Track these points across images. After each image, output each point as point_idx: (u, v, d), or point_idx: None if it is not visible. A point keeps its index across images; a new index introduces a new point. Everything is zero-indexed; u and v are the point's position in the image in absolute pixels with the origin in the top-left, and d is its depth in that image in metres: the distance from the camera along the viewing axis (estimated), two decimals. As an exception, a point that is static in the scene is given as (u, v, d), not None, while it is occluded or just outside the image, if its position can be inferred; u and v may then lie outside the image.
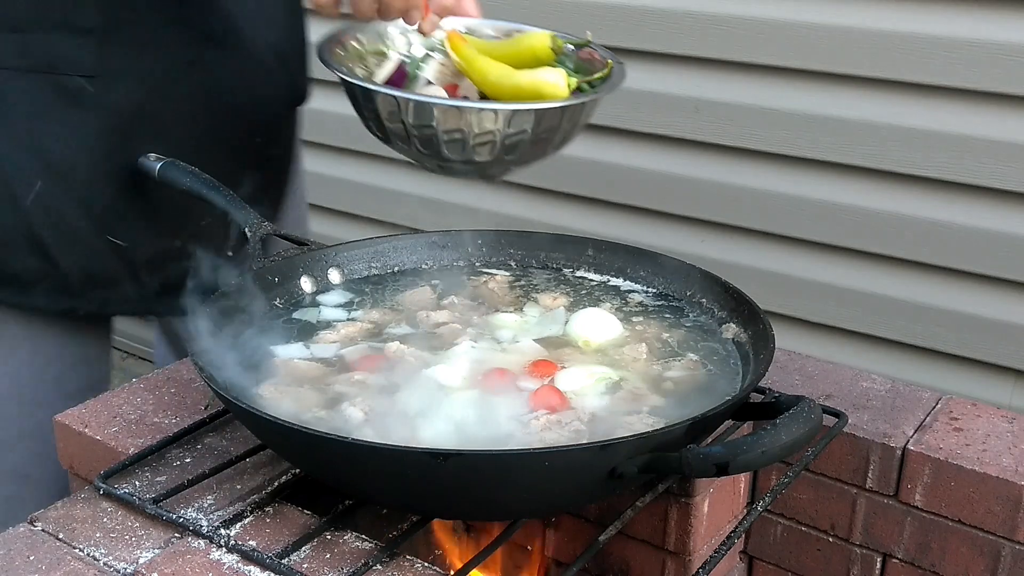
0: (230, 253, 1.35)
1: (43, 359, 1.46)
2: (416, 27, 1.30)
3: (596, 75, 1.28)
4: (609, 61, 1.30)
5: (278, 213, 1.69)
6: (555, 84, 1.23)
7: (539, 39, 1.28)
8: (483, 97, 1.29)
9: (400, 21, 1.30)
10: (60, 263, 1.40)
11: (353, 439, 1.04)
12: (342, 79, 1.24)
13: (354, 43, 1.35)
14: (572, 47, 1.34)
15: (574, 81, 1.24)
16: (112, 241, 1.40)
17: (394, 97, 1.20)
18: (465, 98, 1.29)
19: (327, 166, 2.90)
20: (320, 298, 1.38)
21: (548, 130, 1.21)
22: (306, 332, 1.30)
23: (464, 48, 1.29)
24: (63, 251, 1.40)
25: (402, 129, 1.21)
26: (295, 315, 1.34)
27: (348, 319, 1.34)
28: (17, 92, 1.35)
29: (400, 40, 1.38)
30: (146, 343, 3.55)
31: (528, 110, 1.19)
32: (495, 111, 1.18)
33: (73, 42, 1.33)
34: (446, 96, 1.29)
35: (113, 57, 1.36)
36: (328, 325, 1.32)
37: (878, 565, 1.38)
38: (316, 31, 1.46)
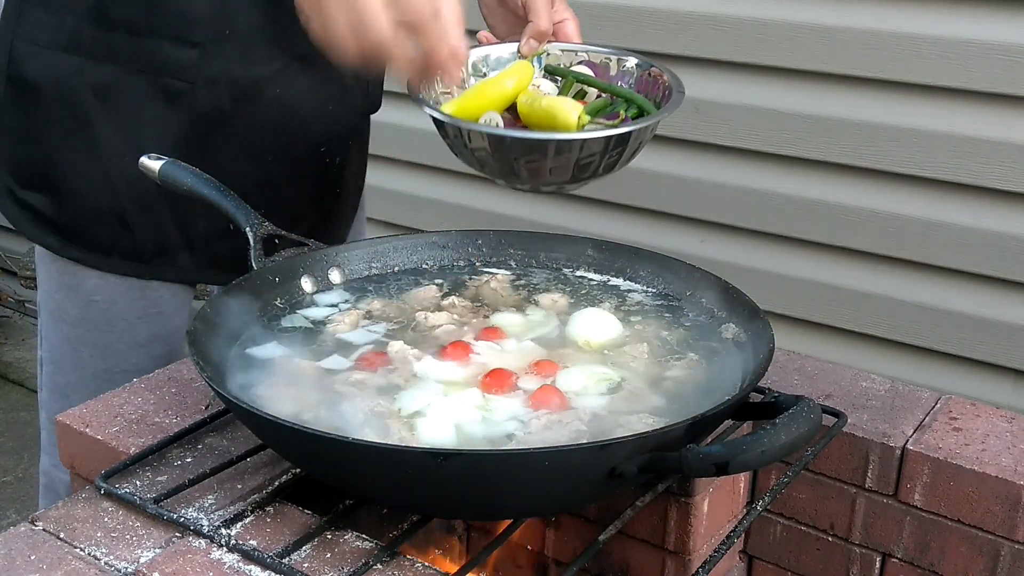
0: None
1: (116, 310, 1.61)
2: (516, 49, 1.40)
3: (618, 120, 1.31)
4: (624, 113, 1.33)
5: (344, 229, 1.81)
6: (568, 113, 1.27)
7: (567, 115, 1.29)
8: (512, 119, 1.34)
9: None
10: (136, 235, 1.58)
11: (353, 439, 1.04)
12: (442, 123, 1.28)
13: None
14: (637, 66, 1.40)
15: (587, 118, 1.27)
16: (178, 219, 1.58)
17: (482, 134, 1.24)
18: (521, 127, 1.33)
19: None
20: (319, 298, 1.38)
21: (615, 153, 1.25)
22: (304, 333, 1.30)
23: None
24: (140, 225, 1.57)
25: (488, 158, 1.26)
26: (295, 314, 1.34)
27: (344, 313, 1.34)
28: (126, 87, 1.51)
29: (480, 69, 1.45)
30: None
31: (597, 138, 1.22)
32: (571, 140, 1.22)
33: (181, 52, 1.50)
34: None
35: (211, 67, 1.51)
36: (325, 324, 1.32)
37: (877, 564, 1.38)
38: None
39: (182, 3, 1.48)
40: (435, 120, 1.31)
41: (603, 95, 1.38)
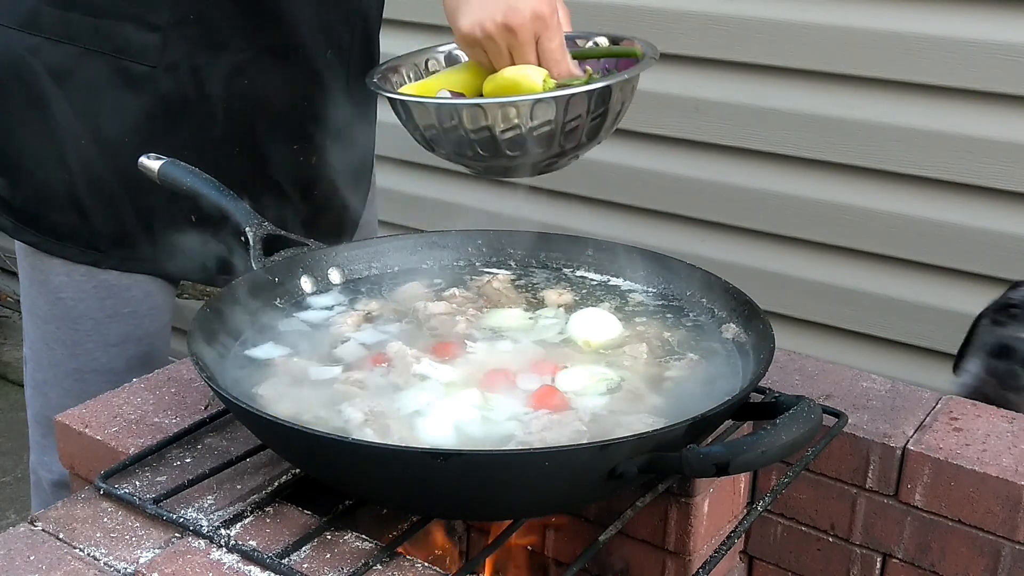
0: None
1: (83, 308, 1.58)
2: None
3: (580, 80, 1.30)
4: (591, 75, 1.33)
5: (342, 237, 1.77)
6: (532, 78, 1.26)
7: (531, 81, 1.29)
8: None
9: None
10: (92, 221, 1.53)
11: (353, 439, 1.04)
12: (389, 99, 1.30)
13: (407, 72, 1.44)
14: (610, 43, 1.41)
15: (552, 82, 1.27)
16: (137, 207, 1.54)
17: (443, 105, 1.26)
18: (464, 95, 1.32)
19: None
20: (314, 300, 1.37)
21: (575, 118, 1.26)
22: (304, 333, 1.30)
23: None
24: (96, 211, 1.53)
25: (459, 136, 1.26)
26: (292, 317, 1.34)
27: (343, 313, 1.34)
28: (85, 69, 1.48)
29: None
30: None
31: (556, 97, 1.23)
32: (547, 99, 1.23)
33: (142, 34, 1.47)
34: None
35: (175, 51, 1.48)
36: (324, 326, 1.32)
37: (878, 565, 1.38)
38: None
39: None
40: (392, 103, 1.31)
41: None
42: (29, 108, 1.50)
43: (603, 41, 1.42)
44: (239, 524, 1.12)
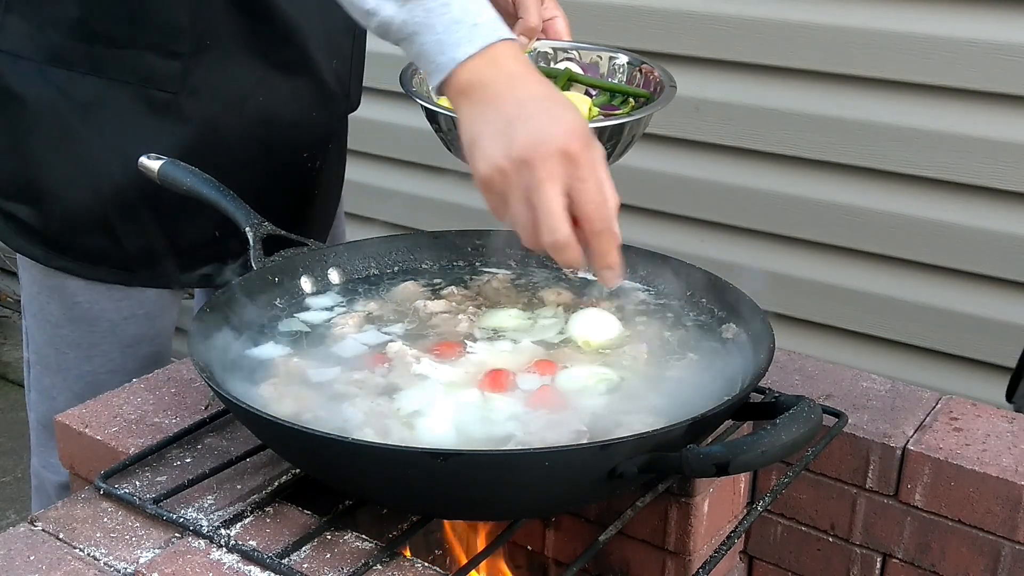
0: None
1: (98, 310, 1.61)
2: None
3: (620, 112, 1.33)
4: (628, 106, 1.35)
5: (327, 231, 1.83)
6: (578, 106, 1.28)
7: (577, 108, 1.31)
8: None
9: None
10: (124, 245, 1.58)
11: (353, 439, 1.04)
12: (428, 111, 1.30)
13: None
14: (628, 64, 1.43)
15: (596, 110, 1.27)
16: (165, 228, 1.58)
17: None
18: None
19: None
20: (313, 301, 1.37)
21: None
22: (304, 333, 1.30)
23: None
24: (128, 236, 1.57)
25: None
26: (292, 318, 1.34)
27: (344, 314, 1.34)
28: (112, 99, 1.52)
29: None
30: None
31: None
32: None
33: (164, 63, 1.51)
34: None
35: (196, 76, 1.52)
36: (323, 326, 1.32)
37: (878, 565, 1.38)
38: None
39: (161, 15, 1.48)
40: (428, 112, 1.31)
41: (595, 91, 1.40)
42: (59, 139, 1.53)
43: (623, 59, 1.43)
44: (239, 524, 1.12)
